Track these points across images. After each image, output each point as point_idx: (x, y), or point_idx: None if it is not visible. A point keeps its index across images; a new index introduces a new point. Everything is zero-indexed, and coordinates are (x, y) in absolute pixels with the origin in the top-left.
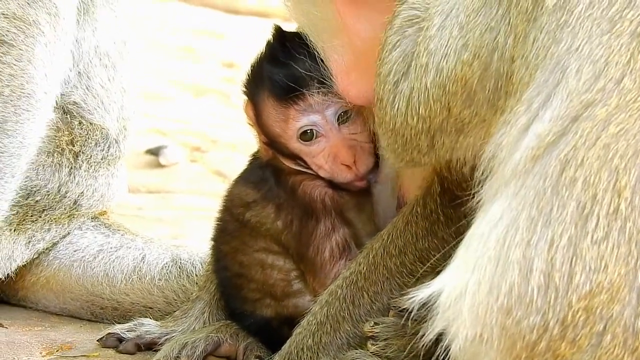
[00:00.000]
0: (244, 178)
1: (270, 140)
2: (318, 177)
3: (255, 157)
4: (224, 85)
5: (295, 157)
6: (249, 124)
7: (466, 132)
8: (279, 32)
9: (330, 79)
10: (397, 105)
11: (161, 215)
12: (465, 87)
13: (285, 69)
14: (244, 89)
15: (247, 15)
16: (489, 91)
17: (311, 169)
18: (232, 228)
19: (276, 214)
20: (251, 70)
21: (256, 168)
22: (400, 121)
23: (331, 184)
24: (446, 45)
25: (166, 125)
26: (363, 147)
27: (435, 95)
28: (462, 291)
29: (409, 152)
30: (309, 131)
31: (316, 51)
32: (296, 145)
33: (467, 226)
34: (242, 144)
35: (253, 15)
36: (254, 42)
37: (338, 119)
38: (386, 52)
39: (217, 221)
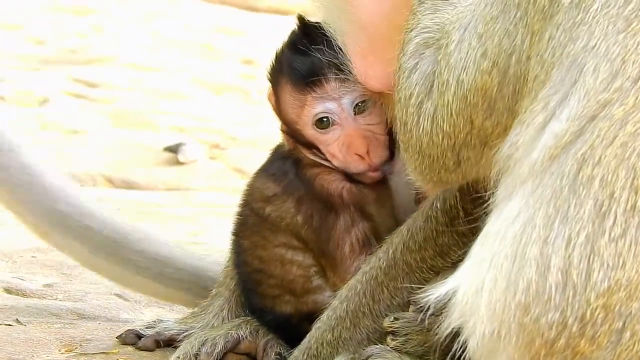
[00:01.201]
0: (265, 170)
1: (288, 128)
2: (335, 170)
3: (277, 149)
4: (243, 82)
5: (311, 146)
6: (274, 112)
7: (490, 144)
8: (301, 21)
9: (349, 67)
10: (422, 126)
11: (180, 213)
12: (486, 97)
13: (303, 56)
14: (268, 77)
15: (266, 12)
16: (508, 98)
17: (326, 159)
18: (252, 222)
19: (296, 208)
20: (274, 58)
21: (277, 160)
22: (427, 141)
23: (347, 177)
24: (465, 58)
25: (185, 122)
26: (378, 138)
27: (457, 109)
28: (478, 288)
29: (436, 172)
30: (324, 119)
31: (335, 39)
32: (311, 133)
33: (485, 221)
34: (262, 141)
35: (272, 13)
36: (273, 39)
37: (355, 109)
38: (403, 78)
39: (238, 215)
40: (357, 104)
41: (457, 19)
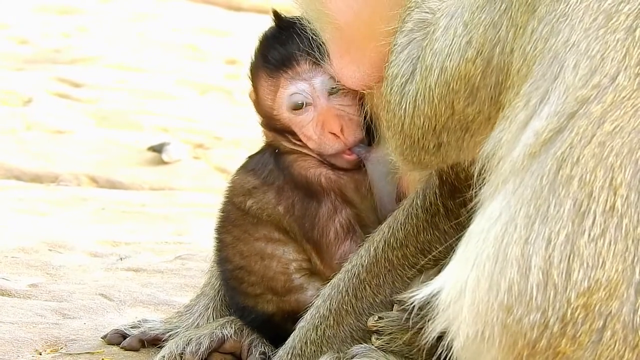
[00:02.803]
0: (244, 167)
1: (267, 120)
2: (311, 156)
3: (259, 150)
4: (227, 82)
5: (287, 131)
6: (254, 108)
7: (471, 130)
8: (277, 16)
9: (326, 60)
10: (404, 107)
11: (165, 212)
12: (468, 84)
13: (276, 44)
14: (249, 75)
15: (250, 12)
16: (491, 87)
17: (303, 144)
18: (234, 217)
19: (277, 198)
20: (253, 55)
21: (256, 155)
22: (408, 122)
23: (325, 163)
24: (450, 45)
25: (169, 122)
26: (352, 118)
27: (439, 94)
28: (462, 288)
29: (416, 153)
30: (299, 100)
31: (314, 35)
32: (286, 116)
33: (468, 219)
34: (246, 141)
35: (256, 12)
36: (257, 39)
37: (329, 90)
38: (395, 54)
39: (220, 212)
40: (331, 87)
41: (446, 5)
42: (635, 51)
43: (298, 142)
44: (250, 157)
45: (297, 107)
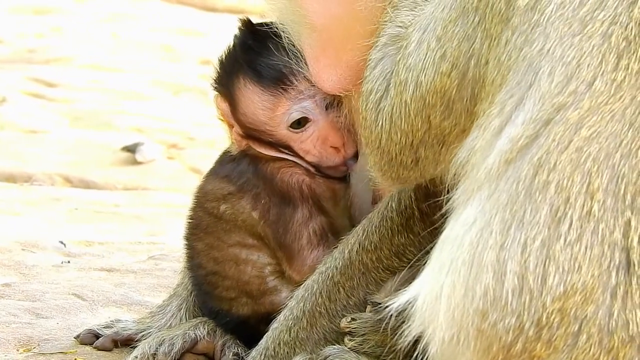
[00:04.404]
0: (215, 173)
1: (248, 130)
2: (296, 164)
3: (225, 153)
4: (201, 83)
5: (277, 145)
6: (220, 118)
7: (448, 143)
8: (248, 24)
9: (305, 67)
10: (380, 123)
11: (138, 213)
12: (444, 98)
13: (264, 57)
14: (215, 84)
15: (225, 12)
16: (466, 100)
17: (294, 155)
18: (205, 224)
19: (253, 204)
20: (222, 63)
21: (227, 162)
22: (385, 138)
23: (309, 171)
24: (424, 59)
25: (143, 122)
26: (349, 130)
27: (415, 109)
28: (437, 294)
29: (394, 169)
30: (301, 118)
31: (289, 41)
32: (284, 133)
33: (443, 223)
34: (220, 141)
35: (230, 13)
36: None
37: (326, 104)
38: (369, 69)
39: (189, 218)
40: (328, 102)
41: (418, 20)
42: (612, 56)
43: (287, 153)
44: (220, 163)
45: (300, 127)
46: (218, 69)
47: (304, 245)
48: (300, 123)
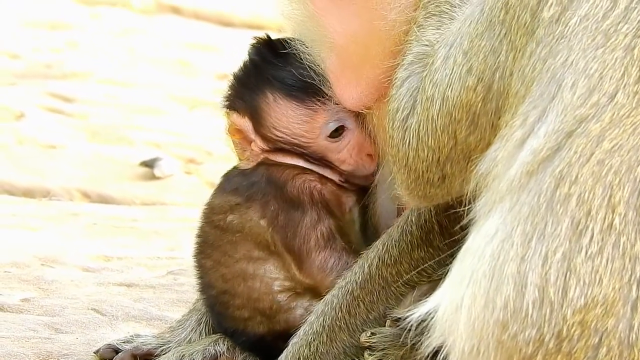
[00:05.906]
0: (223, 189)
1: (275, 144)
2: (312, 171)
3: (231, 170)
4: (217, 97)
5: (310, 156)
6: (229, 133)
7: (473, 158)
8: (266, 40)
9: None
10: (407, 141)
11: (156, 228)
12: (470, 112)
13: (292, 72)
14: (231, 100)
15: (241, 27)
16: (491, 114)
17: (324, 165)
18: (212, 239)
19: (261, 212)
20: (240, 79)
21: (235, 176)
22: (412, 156)
23: (322, 178)
24: (451, 74)
25: (161, 137)
26: (375, 137)
27: (442, 125)
28: (458, 305)
29: (421, 187)
30: (338, 127)
31: (307, 56)
32: (322, 144)
33: (463, 236)
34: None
35: (246, 28)
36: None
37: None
38: (395, 88)
39: (197, 236)
40: None
41: (444, 37)
42: (634, 69)
43: (317, 164)
44: (226, 178)
45: (337, 136)
46: (235, 85)
47: (312, 246)
48: (337, 131)
